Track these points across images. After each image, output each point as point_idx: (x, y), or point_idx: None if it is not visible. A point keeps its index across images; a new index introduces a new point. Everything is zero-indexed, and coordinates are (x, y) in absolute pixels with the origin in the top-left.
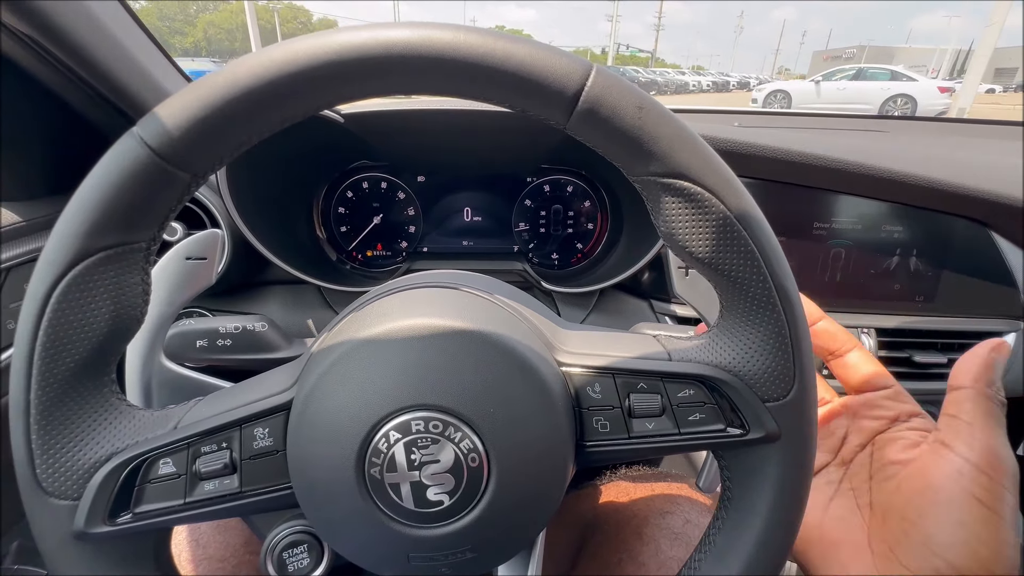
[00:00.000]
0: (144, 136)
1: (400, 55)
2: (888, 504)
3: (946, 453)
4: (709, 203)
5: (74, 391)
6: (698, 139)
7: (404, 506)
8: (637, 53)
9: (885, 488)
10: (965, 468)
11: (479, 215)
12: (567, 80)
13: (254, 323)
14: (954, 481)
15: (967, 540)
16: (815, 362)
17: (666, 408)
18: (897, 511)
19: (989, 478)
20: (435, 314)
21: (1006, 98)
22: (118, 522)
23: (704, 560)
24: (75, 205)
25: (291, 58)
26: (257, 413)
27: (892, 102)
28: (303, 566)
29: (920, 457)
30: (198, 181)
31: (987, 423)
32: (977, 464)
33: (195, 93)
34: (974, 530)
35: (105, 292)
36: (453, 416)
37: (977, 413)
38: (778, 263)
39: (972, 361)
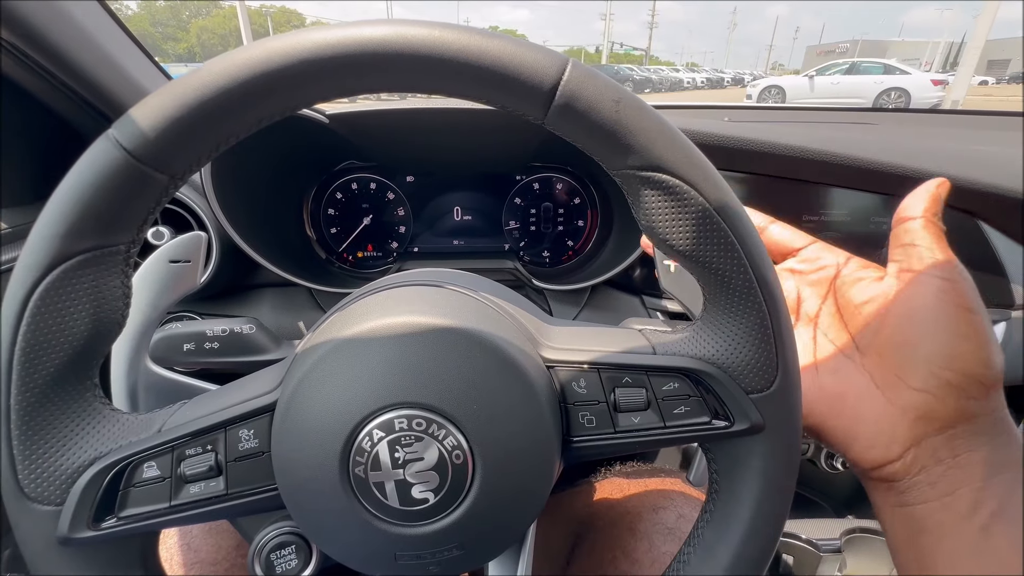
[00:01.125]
0: (119, 138)
1: (375, 52)
2: (877, 341)
3: (918, 277)
4: (688, 195)
5: (55, 396)
6: (676, 132)
7: (389, 504)
8: (631, 51)
9: (865, 328)
10: (941, 284)
11: (469, 214)
12: (543, 75)
13: (242, 325)
14: (936, 299)
15: (965, 346)
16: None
17: (651, 402)
18: (890, 343)
19: (962, 286)
20: (417, 312)
21: (999, 90)
22: (103, 527)
23: (693, 553)
24: (51, 209)
25: (266, 57)
26: (242, 415)
27: (886, 96)
28: (291, 567)
29: (892, 289)
30: (176, 182)
31: (942, 244)
32: (949, 278)
33: (170, 93)
34: (968, 335)
35: (84, 296)
36: (436, 413)
37: (932, 238)
38: (758, 255)
39: (921, 195)
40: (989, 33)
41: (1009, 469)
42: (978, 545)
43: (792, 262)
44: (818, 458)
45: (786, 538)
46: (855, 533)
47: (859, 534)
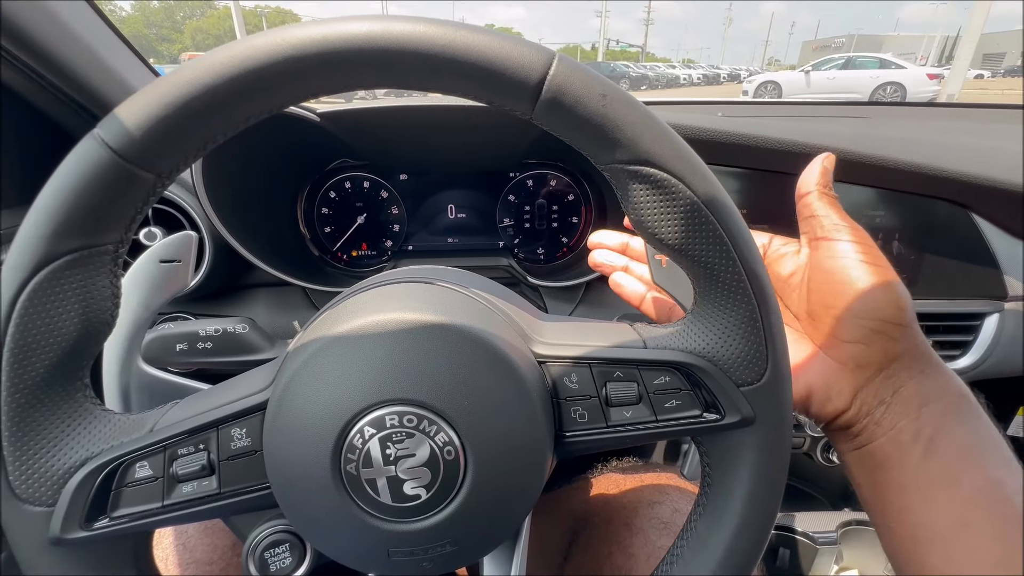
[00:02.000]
0: (105, 137)
1: (360, 49)
2: (808, 307)
3: (828, 244)
4: (676, 189)
5: (45, 396)
6: (663, 126)
7: (381, 501)
8: (627, 48)
9: (796, 298)
10: (847, 247)
11: (463, 212)
12: (529, 69)
13: (235, 325)
14: (847, 260)
15: (878, 296)
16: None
17: (643, 396)
18: (819, 306)
19: (864, 244)
20: (408, 308)
21: (994, 83)
22: (95, 527)
23: (687, 546)
24: (38, 209)
25: (251, 54)
26: (234, 414)
27: (882, 90)
28: (285, 565)
29: (808, 260)
30: (164, 181)
31: (839, 210)
32: (852, 239)
33: (156, 91)
34: (878, 286)
35: (72, 296)
36: (427, 410)
37: (828, 206)
38: (747, 248)
39: (812, 172)
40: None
41: (940, 396)
42: (921, 466)
43: None
44: (814, 451)
45: (782, 531)
46: (851, 526)
47: (855, 526)
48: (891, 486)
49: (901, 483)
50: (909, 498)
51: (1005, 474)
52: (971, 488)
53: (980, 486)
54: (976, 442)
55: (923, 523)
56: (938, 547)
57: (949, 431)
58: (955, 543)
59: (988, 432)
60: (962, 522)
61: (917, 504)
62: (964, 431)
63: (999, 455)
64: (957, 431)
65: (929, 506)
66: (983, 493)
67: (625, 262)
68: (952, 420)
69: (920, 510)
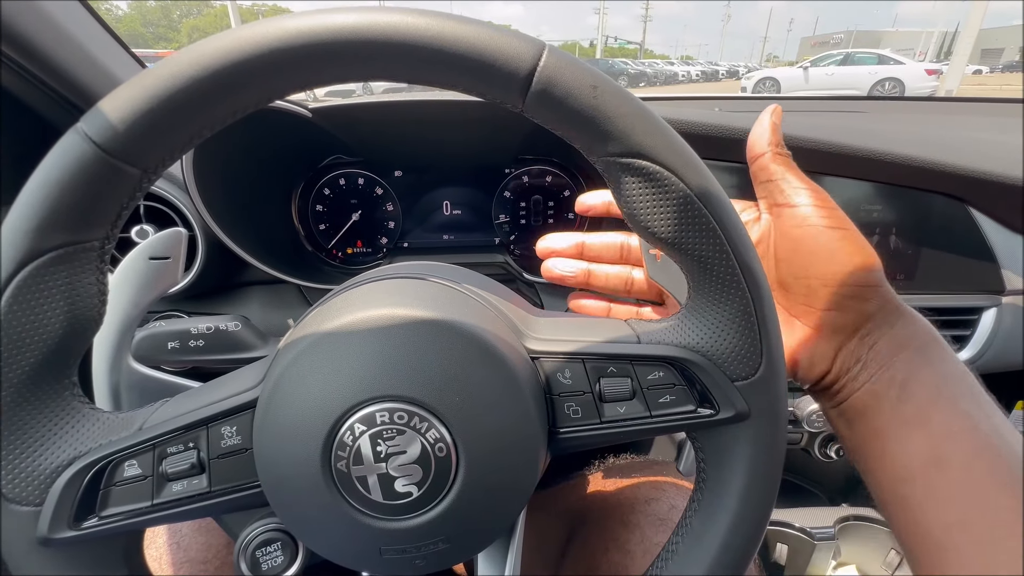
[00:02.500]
0: (88, 131)
1: (347, 40)
2: (779, 277)
3: (787, 211)
4: (669, 182)
5: (32, 395)
6: (656, 118)
7: (372, 499)
8: (626, 45)
9: (767, 268)
10: (808, 211)
11: (459, 208)
12: (519, 61)
13: (227, 323)
14: (812, 227)
15: (848, 261)
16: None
17: (636, 391)
18: (789, 277)
19: (827, 208)
20: (399, 304)
21: (992, 78)
22: (84, 527)
23: (682, 543)
24: (21, 205)
25: (236, 46)
26: (224, 411)
27: (880, 86)
28: (277, 564)
29: (771, 228)
30: (150, 176)
31: (796, 171)
32: (813, 204)
33: (140, 84)
34: (845, 250)
35: (58, 293)
36: (418, 406)
37: (785, 168)
38: (741, 241)
39: (762, 130)
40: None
41: (910, 343)
42: (895, 411)
43: None
44: (812, 447)
45: (780, 527)
46: (849, 521)
47: (853, 522)
48: (869, 433)
49: (877, 428)
50: (886, 441)
51: (973, 408)
52: (941, 425)
53: (951, 422)
54: (945, 382)
55: (901, 463)
56: (917, 484)
57: (919, 375)
58: (932, 478)
59: (957, 370)
60: (936, 458)
61: (894, 446)
62: (933, 373)
63: (967, 391)
64: (927, 373)
65: (904, 446)
66: (954, 429)
67: (584, 268)
68: (921, 364)
69: (897, 451)
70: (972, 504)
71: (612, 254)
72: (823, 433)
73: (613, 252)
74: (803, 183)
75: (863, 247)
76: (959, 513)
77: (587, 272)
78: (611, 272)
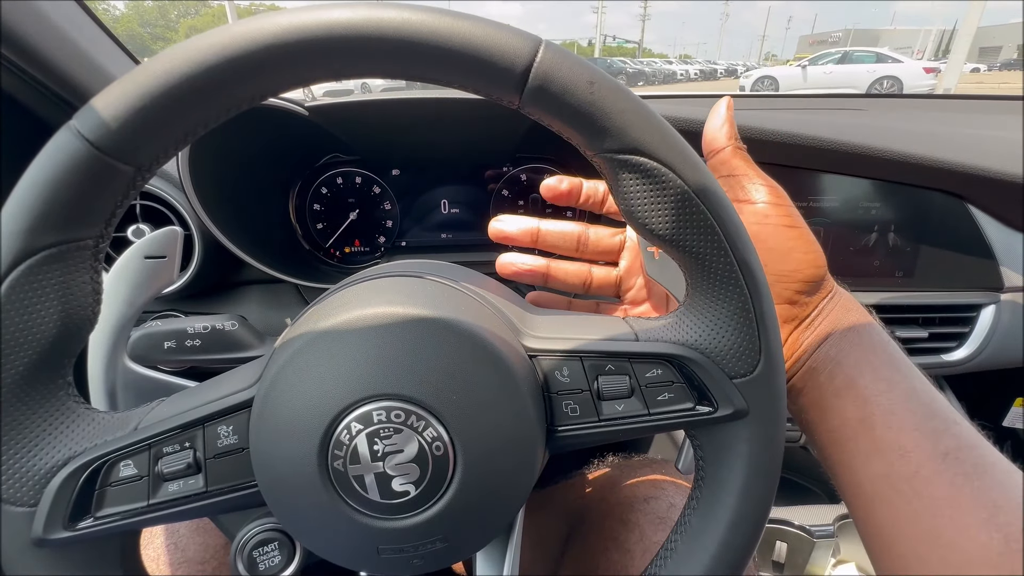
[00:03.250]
0: (81, 128)
1: (341, 36)
2: None
3: (746, 207)
4: (666, 178)
5: (26, 395)
6: (653, 113)
7: (369, 498)
8: (624, 44)
9: None
10: (767, 209)
11: (457, 207)
12: (515, 57)
13: (224, 322)
14: (768, 224)
15: (800, 258)
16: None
17: (635, 389)
18: None
19: (784, 206)
20: (395, 302)
21: (990, 76)
22: (79, 527)
23: (681, 541)
24: (13, 204)
25: (230, 42)
26: (220, 411)
27: (878, 84)
28: (274, 564)
29: None
30: (144, 174)
31: (755, 168)
32: (771, 201)
33: (133, 81)
34: (800, 248)
35: (52, 292)
36: (415, 405)
37: (745, 164)
38: (739, 238)
39: (718, 124)
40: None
41: (841, 322)
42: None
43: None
44: (810, 445)
45: (780, 525)
46: (848, 519)
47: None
48: (807, 404)
49: (814, 400)
50: (822, 411)
51: (892, 372)
52: (865, 390)
53: (872, 387)
54: (870, 353)
55: (834, 427)
56: (846, 447)
57: (849, 351)
58: (859, 438)
59: (880, 342)
60: (861, 419)
61: (828, 414)
62: (860, 347)
63: (888, 360)
64: (856, 349)
65: (837, 413)
66: (875, 392)
67: (544, 263)
68: (852, 341)
69: (831, 418)
70: (893, 456)
71: (569, 244)
72: None
73: (570, 242)
74: (762, 180)
75: (814, 245)
76: (883, 466)
77: (546, 267)
78: (570, 270)
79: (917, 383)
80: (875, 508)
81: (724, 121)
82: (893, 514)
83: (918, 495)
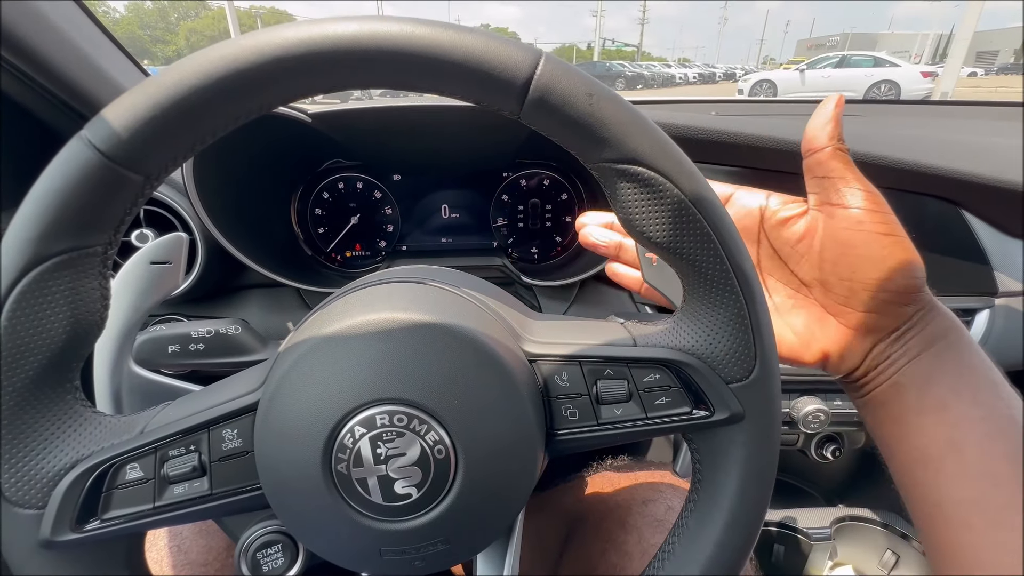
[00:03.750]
0: (92, 139)
1: (347, 49)
2: (821, 275)
3: (839, 211)
4: (663, 187)
5: (35, 399)
6: (650, 124)
7: (372, 500)
8: (623, 47)
9: (805, 265)
10: (862, 215)
11: (457, 212)
12: (516, 69)
13: (227, 326)
14: (865, 233)
15: (894, 268)
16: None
17: (633, 393)
18: (832, 277)
19: (881, 213)
20: (398, 308)
21: (987, 81)
22: (86, 529)
23: (678, 543)
24: (25, 211)
25: (237, 54)
26: (225, 415)
27: (876, 88)
28: (278, 566)
29: (820, 225)
30: (152, 183)
31: (854, 171)
32: (867, 207)
33: (143, 92)
34: (895, 257)
35: (61, 298)
36: (417, 409)
37: (843, 166)
38: (734, 245)
39: (823, 122)
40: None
41: (939, 340)
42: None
43: None
44: (808, 448)
45: (777, 528)
46: (845, 521)
47: (849, 522)
48: (890, 419)
49: (898, 416)
50: (905, 428)
51: (992, 398)
52: (959, 413)
53: (968, 411)
54: (965, 374)
55: (919, 447)
56: (930, 467)
57: (942, 368)
58: (947, 461)
59: (978, 363)
60: (952, 442)
61: (913, 432)
62: (956, 365)
63: (987, 383)
64: (950, 367)
65: (923, 432)
66: (971, 416)
67: (617, 240)
68: (946, 359)
69: (916, 436)
70: (985, 484)
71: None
72: (819, 434)
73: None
74: (860, 184)
75: (912, 255)
76: (972, 492)
77: (618, 244)
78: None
79: (1016, 411)
80: (956, 533)
81: (829, 120)
82: (976, 541)
83: (1007, 525)
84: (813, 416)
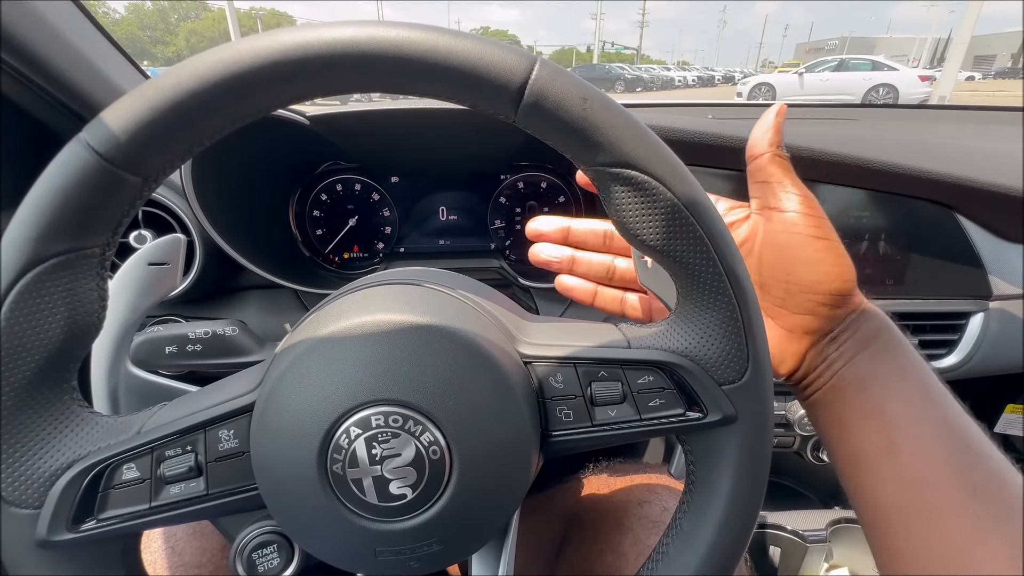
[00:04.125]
0: (91, 141)
1: (344, 54)
2: (760, 278)
3: (777, 215)
4: (657, 191)
5: (32, 399)
6: (643, 128)
7: (368, 501)
8: (622, 50)
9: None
10: (797, 219)
11: (455, 214)
12: (511, 74)
13: (224, 327)
14: (799, 235)
15: (827, 271)
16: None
17: (627, 395)
18: (770, 279)
19: (815, 217)
20: (393, 309)
21: (984, 84)
22: (82, 529)
23: (672, 544)
24: (24, 212)
25: (235, 58)
26: (221, 415)
27: (874, 92)
28: (273, 566)
29: (759, 228)
30: (151, 184)
31: (791, 177)
32: (802, 211)
33: (142, 95)
34: (827, 261)
35: (59, 299)
36: (412, 410)
37: (781, 172)
38: (727, 248)
39: (764, 129)
40: (975, 29)
41: (872, 342)
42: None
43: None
44: (804, 450)
45: (773, 530)
46: (841, 523)
47: (845, 524)
48: (831, 421)
49: (838, 418)
50: (845, 430)
51: (923, 400)
52: (893, 415)
53: (901, 413)
54: (899, 377)
55: (858, 449)
56: (869, 470)
57: (877, 371)
58: (883, 464)
59: (912, 366)
60: (888, 445)
61: (852, 434)
62: (890, 369)
63: (920, 385)
64: (884, 370)
65: (861, 435)
66: (903, 419)
67: (569, 255)
68: (881, 361)
69: (855, 439)
70: (918, 488)
71: (596, 240)
72: (815, 436)
73: (597, 239)
74: (796, 189)
75: (843, 259)
76: (907, 496)
77: (571, 259)
78: (594, 260)
79: (950, 413)
80: (895, 536)
81: (769, 127)
82: (913, 545)
83: (942, 529)
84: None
